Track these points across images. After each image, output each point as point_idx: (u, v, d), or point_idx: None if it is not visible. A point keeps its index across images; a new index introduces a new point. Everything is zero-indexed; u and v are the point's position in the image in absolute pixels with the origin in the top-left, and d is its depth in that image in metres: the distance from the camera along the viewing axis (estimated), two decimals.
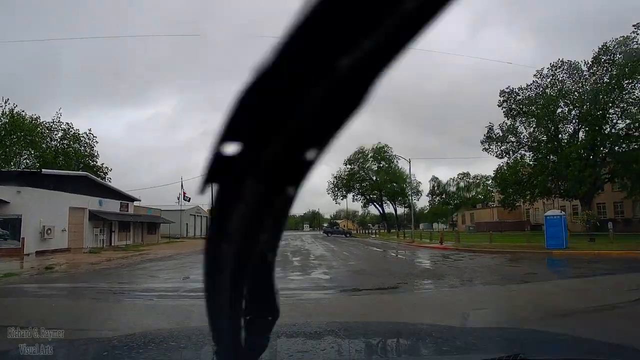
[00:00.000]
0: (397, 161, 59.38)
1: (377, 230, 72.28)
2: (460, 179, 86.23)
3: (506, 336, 2.30)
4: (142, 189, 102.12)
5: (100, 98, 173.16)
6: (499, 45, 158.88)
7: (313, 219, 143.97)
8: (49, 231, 24.85)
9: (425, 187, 79.69)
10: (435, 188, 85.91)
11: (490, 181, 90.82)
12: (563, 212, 24.15)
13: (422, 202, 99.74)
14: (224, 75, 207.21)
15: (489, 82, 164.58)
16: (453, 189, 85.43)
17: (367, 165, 59.67)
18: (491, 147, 47.50)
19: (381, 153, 58.16)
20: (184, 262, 17.43)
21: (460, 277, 11.54)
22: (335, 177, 61.78)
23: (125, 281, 11.56)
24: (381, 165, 59.34)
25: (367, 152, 59.26)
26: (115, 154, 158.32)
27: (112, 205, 33.54)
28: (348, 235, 57.83)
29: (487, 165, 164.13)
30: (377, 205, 61.39)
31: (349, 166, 60.44)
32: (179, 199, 53.54)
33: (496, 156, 47.78)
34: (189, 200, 53.46)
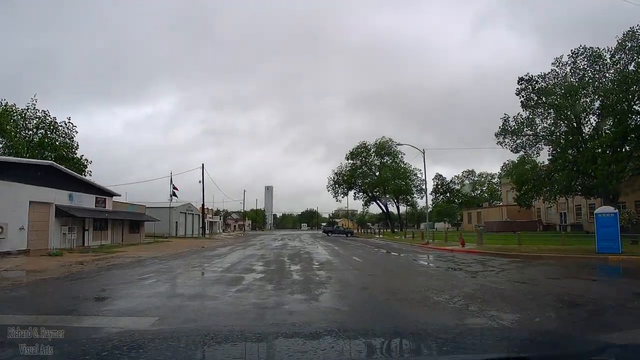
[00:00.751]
0: (402, 156, 55.37)
1: (378, 230, 68.23)
2: (465, 176, 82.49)
3: (506, 336, 2.33)
4: (125, 184, 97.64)
5: (99, 96, 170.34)
6: (500, 45, 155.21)
7: (311, 218, 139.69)
8: (1, 230, 20.68)
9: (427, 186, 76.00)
10: (439, 186, 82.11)
11: (496, 179, 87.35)
12: (616, 210, 20.12)
13: (424, 201, 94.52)
14: (223, 75, 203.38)
15: (490, 82, 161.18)
16: (457, 187, 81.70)
17: (370, 160, 55.59)
18: (506, 140, 43.29)
19: (385, 147, 54.05)
20: (150, 271, 13.31)
21: (554, 307, 7.35)
22: (336, 173, 57.80)
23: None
24: (385, 160, 55.26)
25: (370, 146, 55.25)
26: (112, 152, 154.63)
27: (85, 200, 29.36)
28: (349, 235, 53.83)
29: (486, 164, 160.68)
30: (380, 203, 57.44)
31: (350, 161, 56.46)
32: (172, 195, 49.29)
33: (511, 150, 43.58)
34: (174, 194, 49.21)
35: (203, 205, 47.68)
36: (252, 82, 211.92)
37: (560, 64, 40.04)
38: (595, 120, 38.78)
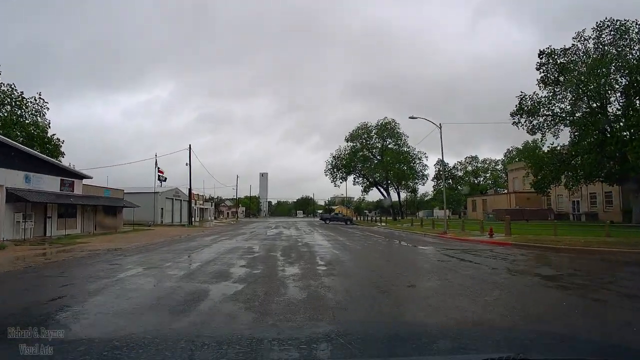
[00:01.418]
0: (405, 139, 51.10)
1: (379, 218, 64.27)
2: (468, 162, 78.67)
3: (506, 336, 2.24)
4: (105, 167, 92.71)
5: (94, 83, 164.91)
6: (499, 35, 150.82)
7: (307, 205, 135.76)
8: None
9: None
10: (441, 172, 78.23)
11: (500, 166, 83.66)
12: None
13: (424, 189, 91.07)
14: (219, 63, 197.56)
15: (489, 72, 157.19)
16: (460, 173, 77.90)
17: (372, 142, 51.28)
18: (522, 120, 38.98)
19: (388, 129, 49.73)
20: (86, 276, 9.17)
21: None
22: (335, 156, 53.47)
23: None
24: (387, 143, 51.02)
25: (371, 127, 50.85)
26: (108, 139, 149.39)
27: (47, 183, 25.05)
28: (349, 223, 49.86)
29: (488, 152, 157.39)
30: (382, 189, 53.30)
31: (350, 143, 52.11)
32: (161, 180, 44.88)
33: (527, 131, 39.39)
34: (164, 180, 44.85)
35: (190, 189, 43.42)
36: (248, 70, 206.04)
37: (583, 39, 35.84)
38: (620, 99, 34.85)
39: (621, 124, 33.52)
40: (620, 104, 34.97)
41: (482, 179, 79.37)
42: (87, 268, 10.62)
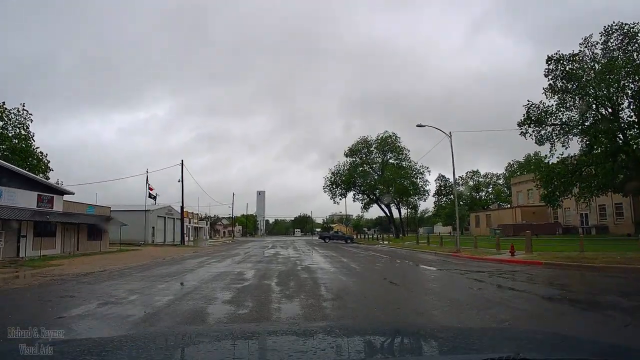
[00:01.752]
0: (406, 153, 49.09)
1: (379, 235, 61.78)
2: (469, 177, 76.74)
3: (506, 336, 2.26)
4: (92, 183, 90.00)
5: (92, 101, 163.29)
6: (495, 50, 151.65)
7: (305, 224, 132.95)
8: None
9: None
10: (442, 188, 76.24)
11: (502, 180, 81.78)
12: None
13: (423, 205, 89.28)
14: (216, 79, 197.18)
15: (484, 86, 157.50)
16: (461, 188, 75.87)
17: (372, 157, 49.24)
18: (529, 130, 37.06)
19: (389, 143, 47.79)
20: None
21: None
22: (334, 172, 51.29)
23: None
24: (388, 157, 48.89)
25: (371, 142, 48.83)
26: (105, 157, 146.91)
27: (22, 198, 22.75)
28: (350, 241, 47.41)
29: (488, 166, 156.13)
30: (383, 206, 50.94)
31: (349, 158, 50.00)
32: (153, 197, 42.54)
33: (535, 142, 37.33)
34: (155, 198, 42.54)
35: (182, 207, 41.03)
36: (245, 87, 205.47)
37: (590, 44, 34.30)
38: (632, 105, 33.15)
39: (635, 130, 31.79)
40: (632, 109, 33.27)
41: (483, 193, 77.36)
42: (26, 301, 8.29)
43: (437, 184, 71.74)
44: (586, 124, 33.87)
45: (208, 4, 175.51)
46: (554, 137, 35.83)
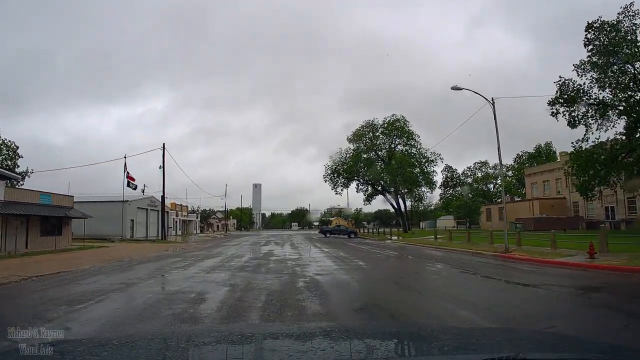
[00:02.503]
0: (417, 138, 43.75)
1: (378, 230, 56.57)
2: (477, 168, 71.69)
3: (506, 336, 2.25)
4: (58, 169, 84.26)
5: (90, 95, 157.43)
6: (494, 45, 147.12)
7: (302, 217, 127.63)
8: None
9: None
10: (449, 179, 71.22)
11: (511, 172, 76.82)
12: None
13: (431, 195, 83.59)
14: (214, 74, 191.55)
15: (484, 81, 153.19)
16: (469, 180, 70.83)
17: (378, 143, 43.79)
18: (561, 110, 31.83)
19: (397, 128, 42.42)
20: None
21: None
22: (335, 160, 45.99)
23: None
24: (396, 143, 43.50)
25: (377, 126, 43.42)
26: (102, 151, 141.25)
27: None
28: (353, 236, 42.26)
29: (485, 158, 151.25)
30: (390, 197, 45.65)
31: (353, 145, 44.60)
32: (129, 186, 37.16)
33: (568, 123, 32.11)
34: (134, 188, 37.15)
35: (163, 197, 35.70)
36: (243, 81, 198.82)
37: (631, 13, 29.11)
38: None
39: None
40: None
41: (492, 185, 72.41)
42: None
43: (444, 175, 66.73)
44: (632, 100, 28.90)
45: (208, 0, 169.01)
46: (589, 118, 30.77)
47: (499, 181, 73.38)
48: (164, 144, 35.00)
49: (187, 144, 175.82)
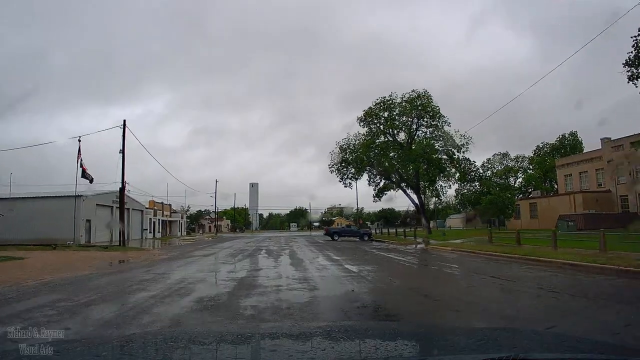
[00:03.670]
0: (445, 118, 35.16)
1: (380, 229, 47.96)
2: (497, 161, 63.45)
3: (506, 336, 2.21)
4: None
5: (88, 94, 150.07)
6: (495, 45, 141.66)
7: (301, 218, 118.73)
8: None
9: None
10: (466, 173, 62.74)
11: (532, 165, 68.71)
12: None
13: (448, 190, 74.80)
14: (213, 74, 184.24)
15: (485, 81, 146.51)
16: (489, 173, 62.51)
17: (396, 124, 34.97)
18: None
19: (419, 105, 33.71)
20: None
21: None
22: (342, 146, 37.23)
23: None
24: (417, 125, 34.60)
25: (394, 103, 34.66)
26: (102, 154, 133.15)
27: None
28: (367, 238, 33.81)
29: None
30: (410, 190, 36.68)
31: (364, 128, 35.88)
32: (85, 177, 28.39)
33: None
34: (91, 181, 28.44)
35: (122, 189, 26.79)
36: (242, 81, 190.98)
37: None
38: None
39: None
40: None
41: (512, 179, 64.28)
42: None
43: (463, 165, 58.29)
44: None
45: None
46: None
47: (520, 175, 65.25)
48: (124, 121, 26.41)
49: (185, 143, 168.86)
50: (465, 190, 62.58)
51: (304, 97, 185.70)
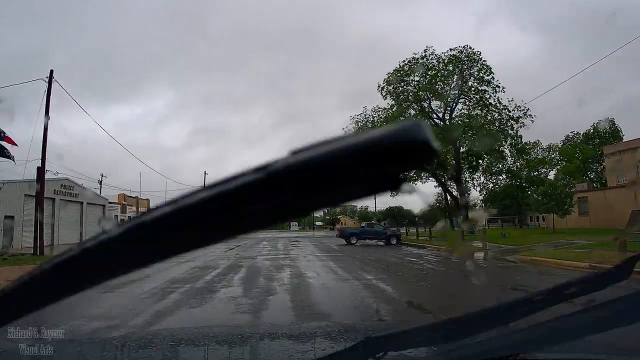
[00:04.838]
0: (492, 78, 26.26)
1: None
2: (530, 150, 54.80)
3: (506, 335, 1.79)
4: None
5: (88, 93, 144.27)
6: (498, 44, 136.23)
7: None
8: None
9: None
10: (490, 165, 54.13)
11: (559, 156, 60.22)
12: None
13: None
14: (214, 73, 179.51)
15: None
16: (518, 164, 53.77)
17: (435, 87, 25.77)
18: None
19: (463, 63, 24.74)
20: None
21: None
22: (358, 121, 28.28)
23: None
24: (464, 87, 25.51)
25: (431, 62, 25.60)
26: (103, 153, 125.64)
27: None
28: (396, 242, 25.03)
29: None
30: (445, 178, 27.76)
31: (388, 100, 26.74)
32: (6, 154, 19.19)
33: None
34: (11, 158, 19.32)
35: (42, 169, 17.87)
36: (242, 81, 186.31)
37: None
38: None
39: None
40: None
41: (544, 170, 55.91)
42: None
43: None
44: None
45: None
46: None
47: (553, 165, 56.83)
48: (51, 71, 17.58)
49: (185, 143, 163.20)
50: (491, 185, 54.08)
51: (304, 97, 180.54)
